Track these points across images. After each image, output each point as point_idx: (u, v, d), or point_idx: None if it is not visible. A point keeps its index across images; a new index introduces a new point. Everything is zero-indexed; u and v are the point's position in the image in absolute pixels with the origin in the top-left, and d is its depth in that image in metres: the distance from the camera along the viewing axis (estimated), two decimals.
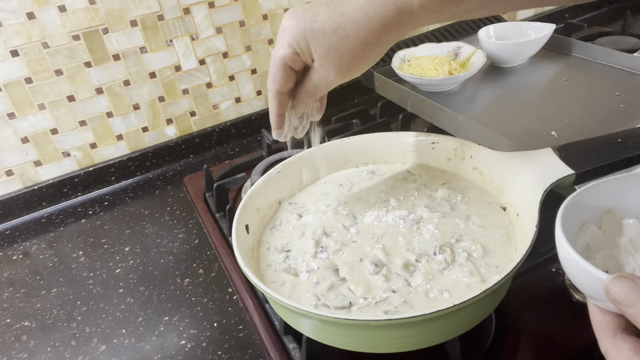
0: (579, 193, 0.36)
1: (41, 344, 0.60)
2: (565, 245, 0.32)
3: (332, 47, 0.39)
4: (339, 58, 0.40)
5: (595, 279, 0.29)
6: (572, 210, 0.35)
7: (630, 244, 0.35)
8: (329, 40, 0.39)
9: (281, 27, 0.42)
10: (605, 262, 0.31)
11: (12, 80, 0.77)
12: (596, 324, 0.32)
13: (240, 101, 0.97)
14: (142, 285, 0.66)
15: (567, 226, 0.33)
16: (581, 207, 0.36)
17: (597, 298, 0.31)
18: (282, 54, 0.42)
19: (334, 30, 0.39)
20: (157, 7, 0.82)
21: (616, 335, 0.30)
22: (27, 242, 0.79)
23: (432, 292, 0.45)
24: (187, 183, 0.84)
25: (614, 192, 0.37)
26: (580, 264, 0.30)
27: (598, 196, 0.37)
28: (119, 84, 0.85)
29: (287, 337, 0.53)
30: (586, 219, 0.37)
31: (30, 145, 0.83)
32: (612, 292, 0.28)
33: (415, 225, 0.52)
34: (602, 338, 0.31)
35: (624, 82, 0.77)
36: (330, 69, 0.41)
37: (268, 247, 0.54)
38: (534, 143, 0.66)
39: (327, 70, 0.41)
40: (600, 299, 0.30)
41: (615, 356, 0.30)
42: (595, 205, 0.37)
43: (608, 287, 0.29)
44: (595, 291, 0.30)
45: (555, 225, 0.33)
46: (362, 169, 0.64)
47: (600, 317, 0.32)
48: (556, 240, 0.33)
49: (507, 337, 0.50)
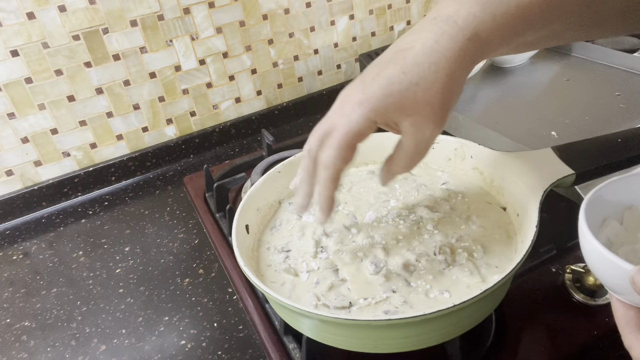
0: (600, 188, 0.36)
1: (41, 344, 0.60)
2: (590, 238, 0.32)
3: (420, 101, 0.36)
4: (430, 108, 0.37)
5: (621, 271, 0.29)
6: (594, 205, 0.35)
7: None
8: (413, 95, 0.36)
9: (350, 100, 0.38)
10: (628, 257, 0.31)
11: (12, 80, 0.77)
12: (619, 319, 0.32)
13: (240, 101, 0.97)
14: (142, 285, 0.66)
15: (590, 221, 0.33)
16: (603, 203, 0.36)
17: (621, 291, 0.31)
18: (357, 129, 0.37)
19: (416, 84, 0.36)
20: (157, 7, 0.82)
21: None
22: (27, 242, 0.79)
23: (432, 292, 0.45)
24: (187, 183, 0.84)
25: (635, 188, 0.37)
26: (606, 256, 0.30)
27: (619, 192, 0.37)
28: (119, 84, 0.85)
29: (287, 337, 0.53)
30: (608, 214, 0.37)
31: (30, 145, 0.83)
32: (639, 283, 0.28)
33: (415, 225, 0.52)
34: (625, 332, 0.31)
35: (624, 82, 0.77)
36: (425, 124, 0.37)
37: (268, 247, 0.54)
38: (534, 143, 0.66)
39: (422, 127, 0.38)
40: (625, 292, 0.30)
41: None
42: (617, 200, 0.37)
43: (634, 278, 0.28)
44: (619, 284, 0.30)
45: (579, 219, 0.33)
46: (362, 169, 0.64)
47: (623, 312, 0.31)
48: (580, 233, 0.33)
49: (507, 337, 0.50)
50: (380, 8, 1.02)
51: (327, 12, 0.97)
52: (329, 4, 0.96)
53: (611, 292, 0.32)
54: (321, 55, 1.00)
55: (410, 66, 0.36)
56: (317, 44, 0.99)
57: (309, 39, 0.97)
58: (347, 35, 1.01)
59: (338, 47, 1.01)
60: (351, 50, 1.03)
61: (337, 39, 1.00)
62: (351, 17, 0.99)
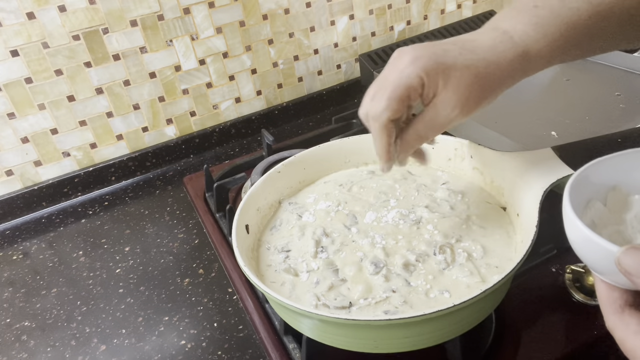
0: (585, 169, 0.36)
1: (41, 344, 0.60)
2: (574, 219, 0.32)
3: (462, 83, 0.39)
4: (467, 94, 0.39)
5: (605, 252, 0.29)
6: (579, 186, 0.35)
7: (636, 219, 0.35)
8: (459, 75, 0.38)
9: (406, 56, 0.40)
10: (612, 238, 0.31)
11: (12, 80, 0.77)
12: (603, 300, 0.32)
13: (240, 101, 0.97)
14: (142, 285, 0.66)
15: (574, 202, 0.33)
16: (587, 184, 0.36)
17: (606, 272, 0.31)
18: (408, 82, 0.39)
19: (467, 67, 0.38)
20: (157, 7, 0.82)
21: (624, 311, 0.30)
22: (27, 242, 0.79)
23: (432, 292, 0.45)
24: (187, 183, 0.84)
25: (618, 169, 0.37)
26: (590, 237, 0.30)
27: (603, 173, 0.37)
28: (119, 84, 0.85)
29: (287, 337, 0.53)
30: (591, 196, 0.37)
31: (30, 145, 0.83)
32: (624, 264, 0.28)
33: (415, 225, 0.52)
34: (608, 314, 0.31)
35: (624, 82, 0.77)
36: (455, 104, 0.39)
37: (268, 247, 0.54)
38: (534, 143, 0.66)
39: (451, 106, 0.40)
40: (609, 272, 0.30)
41: (623, 331, 0.30)
42: (600, 182, 0.37)
43: (620, 259, 0.29)
44: (604, 265, 0.30)
45: (563, 201, 0.33)
46: (362, 169, 0.64)
47: (607, 293, 0.32)
48: (564, 216, 0.33)
49: (507, 337, 0.50)
50: (380, 8, 1.02)
51: (327, 12, 0.97)
52: (329, 4, 0.96)
53: (595, 273, 0.32)
54: (321, 55, 1.00)
55: (468, 52, 0.39)
56: (317, 44, 0.99)
57: (309, 39, 0.97)
58: (347, 35, 1.01)
59: (338, 47, 1.01)
60: (351, 50, 1.03)
61: (337, 39, 1.00)
62: (351, 17, 0.99)
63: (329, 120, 0.93)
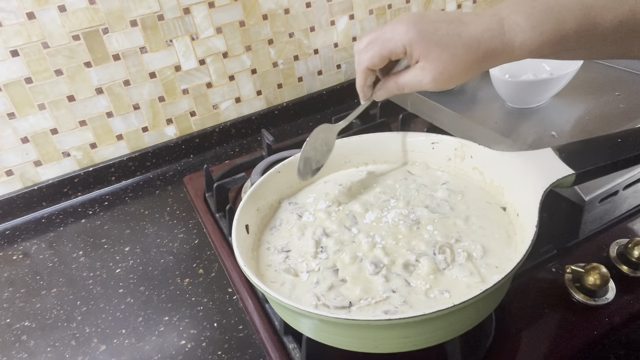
0: None
1: (41, 344, 0.60)
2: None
3: (440, 60, 0.45)
4: (442, 70, 0.46)
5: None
6: None
7: None
8: (439, 53, 0.45)
9: (402, 22, 0.46)
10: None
11: (12, 80, 0.77)
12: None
13: (240, 101, 0.97)
14: (142, 285, 0.66)
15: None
16: None
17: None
18: (394, 48, 0.47)
19: (448, 47, 0.45)
20: (157, 7, 0.82)
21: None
22: (27, 242, 0.79)
23: (432, 292, 0.45)
24: (187, 183, 0.84)
25: None
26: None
27: None
28: (119, 84, 0.85)
29: (287, 337, 0.53)
30: None
31: (30, 145, 0.83)
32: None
33: (415, 225, 0.52)
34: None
35: (624, 82, 0.77)
36: (429, 75, 0.47)
37: (268, 247, 0.54)
38: (534, 143, 0.66)
39: (425, 76, 0.47)
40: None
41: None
42: None
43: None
44: None
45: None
46: (362, 169, 0.64)
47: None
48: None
49: (507, 337, 0.50)
50: (380, 8, 1.02)
51: (327, 12, 0.97)
52: (329, 4, 0.96)
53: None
54: (321, 55, 1.00)
55: (454, 35, 0.45)
56: (317, 44, 0.99)
57: (309, 39, 0.97)
58: (347, 35, 1.01)
59: (338, 47, 1.01)
60: (351, 51, 1.03)
61: (337, 39, 1.00)
62: (351, 17, 0.99)
63: (329, 120, 0.93)
